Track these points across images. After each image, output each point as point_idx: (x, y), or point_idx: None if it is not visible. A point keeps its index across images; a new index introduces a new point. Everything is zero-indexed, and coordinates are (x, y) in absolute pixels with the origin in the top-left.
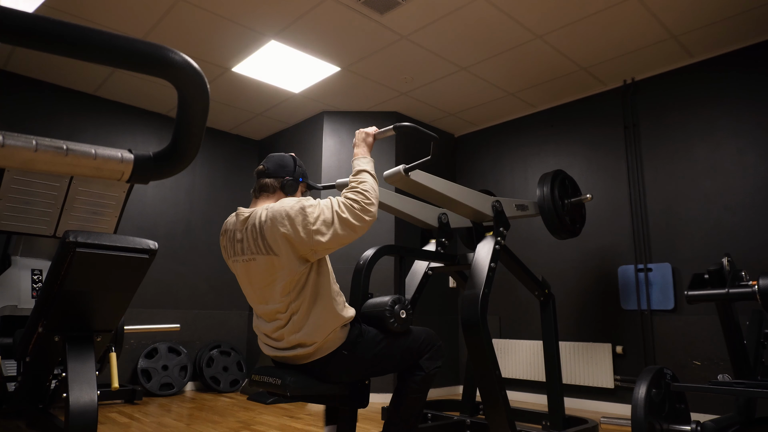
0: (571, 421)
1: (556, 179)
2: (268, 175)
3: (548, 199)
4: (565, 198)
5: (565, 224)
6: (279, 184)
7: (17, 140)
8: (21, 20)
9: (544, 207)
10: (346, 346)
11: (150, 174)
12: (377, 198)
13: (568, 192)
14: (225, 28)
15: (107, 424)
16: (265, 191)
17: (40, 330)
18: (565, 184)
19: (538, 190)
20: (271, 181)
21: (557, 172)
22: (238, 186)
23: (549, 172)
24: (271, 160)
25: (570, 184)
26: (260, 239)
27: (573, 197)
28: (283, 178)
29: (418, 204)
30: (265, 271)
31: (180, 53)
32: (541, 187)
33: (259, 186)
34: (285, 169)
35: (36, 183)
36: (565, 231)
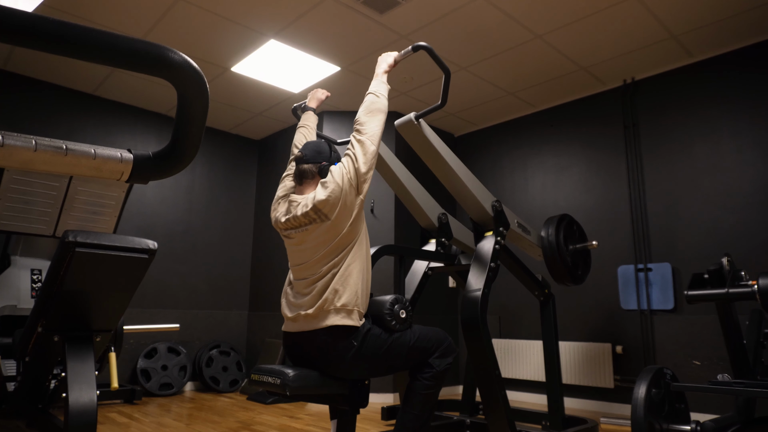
0: (571, 421)
1: (561, 223)
2: (306, 161)
3: (552, 243)
4: (570, 243)
5: (568, 269)
6: (317, 168)
7: (17, 140)
8: (21, 20)
9: (548, 251)
10: (357, 335)
11: (149, 174)
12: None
13: (574, 237)
14: (224, 27)
15: (107, 424)
16: (305, 177)
17: (40, 330)
18: (572, 229)
19: (543, 231)
20: (309, 166)
21: (563, 216)
22: (238, 186)
23: (555, 216)
24: (309, 147)
25: (576, 229)
26: (313, 211)
27: (578, 243)
28: (320, 163)
29: (424, 193)
30: (317, 238)
31: (180, 53)
32: (546, 229)
33: (299, 172)
34: (321, 155)
35: (35, 183)
36: (569, 278)
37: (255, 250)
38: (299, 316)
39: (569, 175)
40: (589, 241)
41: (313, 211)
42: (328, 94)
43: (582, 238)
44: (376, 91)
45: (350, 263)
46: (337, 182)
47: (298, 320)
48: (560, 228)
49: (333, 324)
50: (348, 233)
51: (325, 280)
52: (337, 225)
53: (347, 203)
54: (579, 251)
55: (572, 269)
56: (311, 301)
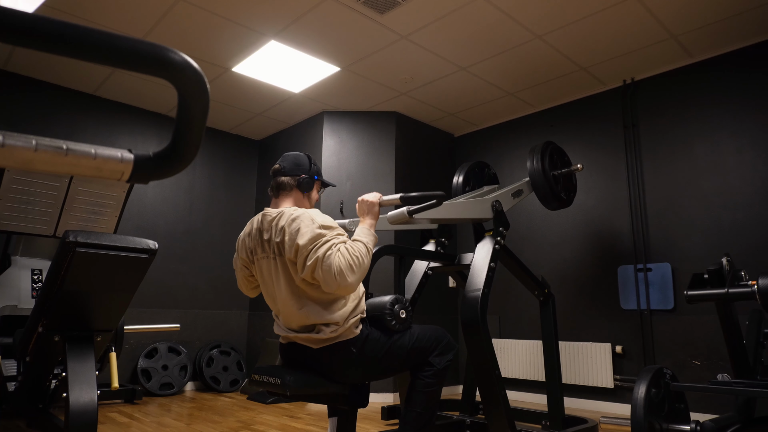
0: (571, 421)
1: (545, 151)
2: (284, 173)
3: (539, 172)
4: (555, 169)
5: (556, 193)
6: (295, 182)
7: (17, 140)
8: (21, 20)
9: (536, 180)
10: (355, 343)
11: (150, 174)
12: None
13: (559, 163)
14: (225, 28)
15: (107, 423)
16: (282, 189)
17: (40, 330)
18: (554, 155)
19: (528, 163)
20: (288, 179)
21: (547, 143)
22: (238, 186)
23: (538, 144)
24: (287, 159)
25: (559, 154)
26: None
27: (563, 168)
28: (299, 176)
29: None
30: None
31: (180, 53)
32: (531, 159)
33: (276, 185)
34: (300, 168)
35: (36, 183)
36: (556, 200)
37: None
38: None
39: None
40: (574, 165)
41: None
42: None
43: (566, 164)
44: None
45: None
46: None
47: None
48: (545, 155)
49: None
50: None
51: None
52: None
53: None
54: (564, 175)
55: (558, 192)
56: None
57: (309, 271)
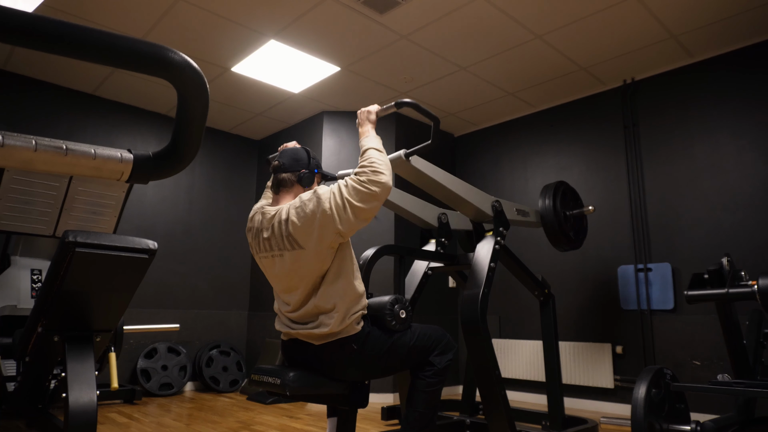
0: (571, 421)
1: (558, 190)
2: (284, 170)
3: (550, 211)
4: (566, 210)
5: (567, 236)
6: (296, 177)
7: (17, 140)
8: (21, 20)
9: (547, 218)
10: (357, 340)
11: (149, 174)
12: (388, 166)
13: (570, 204)
14: (224, 27)
15: (107, 424)
16: (283, 186)
17: (40, 330)
18: (567, 196)
19: (540, 201)
20: (288, 175)
21: (559, 183)
22: (238, 186)
23: (551, 184)
24: (286, 154)
25: (572, 195)
26: (287, 236)
27: (575, 209)
28: (299, 171)
29: (419, 202)
30: (293, 264)
31: (180, 53)
32: (543, 198)
33: (276, 181)
34: (300, 163)
35: (35, 183)
36: (567, 243)
37: None
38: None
39: (569, 175)
40: (585, 207)
41: (287, 240)
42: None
43: (578, 204)
44: (377, 146)
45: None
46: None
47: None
48: (557, 196)
49: (331, 340)
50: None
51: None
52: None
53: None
54: (575, 216)
55: (570, 235)
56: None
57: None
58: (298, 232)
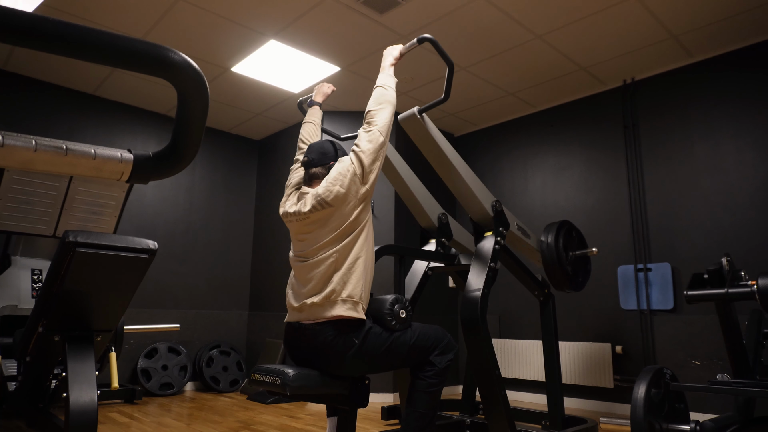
0: (571, 421)
1: (561, 229)
2: (314, 164)
3: (552, 249)
4: (570, 250)
5: (568, 276)
6: (326, 170)
7: (17, 140)
8: (21, 20)
9: (547, 256)
10: (358, 334)
11: (149, 174)
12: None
13: (574, 244)
14: (224, 27)
15: (107, 423)
16: (315, 179)
17: (40, 330)
18: (571, 235)
19: (542, 237)
20: (319, 169)
21: (563, 222)
22: (238, 186)
23: (555, 222)
24: (314, 150)
25: (576, 235)
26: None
27: (578, 249)
28: (328, 163)
29: (425, 192)
30: (317, 222)
31: (180, 53)
32: (546, 235)
33: (308, 176)
34: (327, 156)
35: (36, 183)
36: (568, 284)
37: (255, 250)
38: (305, 306)
39: (569, 175)
40: (589, 248)
41: (317, 203)
42: (334, 88)
43: (582, 245)
44: (385, 83)
45: (357, 256)
46: (340, 172)
47: (303, 310)
48: (560, 235)
49: (339, 315)
50: (353, 221)
51: (331, 268)
52: (340, 212)
53: (350, 191)
54: (579, 258)
55: (572, 276)
56: (317, 287)
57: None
58: (327, 193)
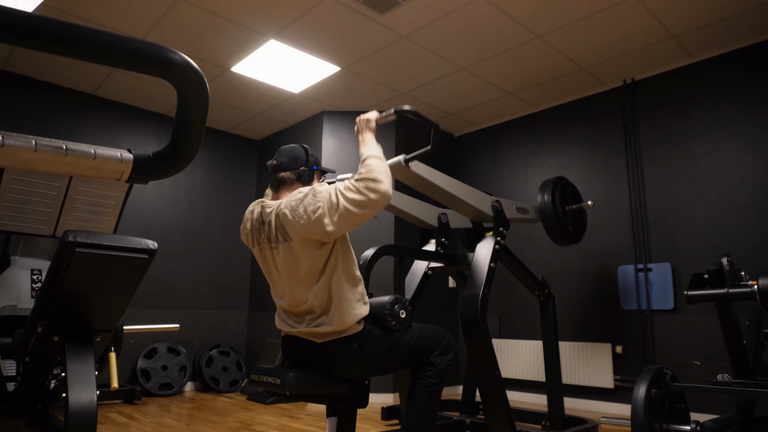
0: (571, 421)
1: (557, 186)
2: (283, 168)
3: (549, 206)
4: (566, 205)
5: (566, 231)
6: (295, 175)
7: (17, 140)
8: (21, 20)
9: (546, 213)
10: (357, 338)
11: (149, 174)
12: (388, 173)
13: (569, 199)
14: (224, 27)
15: (106, 424)
16: (283, 184)
17: (40, 330)
18: (566, 191)
19: (539, 197)
20: (287, 174)
21: (558, 178)
22: (238, 186)
23: (550, 179)
24: (284, 153)
25: (571, 191)
26: (279, 228)
27: (574, 204)
28: (298, 169)
29: (418, 203)
30: (287, 257)
31: (180, 53)
32: (542, 193)
33: (276, 181)
34: (299, 161)
35: (35, 183)
36: (566, 238)
37: None
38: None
39: (569, 175)
40: (584, 202)
41: (279, 232)
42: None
43: (576, 199)
44: (377, 155)
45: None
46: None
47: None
48: (556, 191)
49: (332, 339)
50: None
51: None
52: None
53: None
54: (575, 212)
55: (569, 229)
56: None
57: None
58: (288, 224)
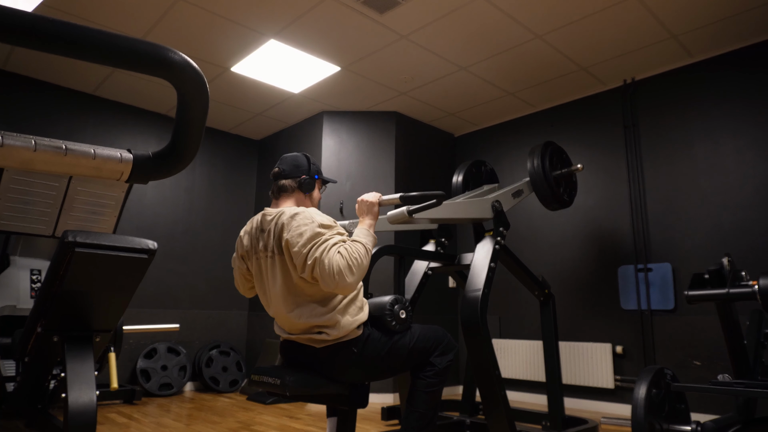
0: (571, 421)
1: (545, 151)
2: (284, 176)
3: (539, 172)
4: (555, 170)
5: (556, 195)
6: (296, 183)
7: (17, 140)
8: (21, 20)
9: (536, 180)
10: (356, 343)
11: (149, 174)
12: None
13: (558, 164)
14: (224, 27)
15: (106, 424)
16: (284, 192)
17: (39, 330)
18: (554, 156)
19: (528, 163)
20: (289, 182)
21: (546, 143)
22: (238, 186)
23: (538, 145)
24: (286, 161)
25: (559, 155)
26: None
27: (563, 168)
28: (300, 177)
29: None
30: (282, 269)
31: (180, 53)
32: (531, 160)
33: (277, 188)
34: (300, 169)
35: (35, 183)
36: (557, 201)
37: None
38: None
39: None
40: (574, 165)
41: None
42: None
43: (567, 163)
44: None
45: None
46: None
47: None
48: (545, 156)
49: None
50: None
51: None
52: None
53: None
54: (564, 176)
55: (559, 193)
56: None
57: (309, 270)
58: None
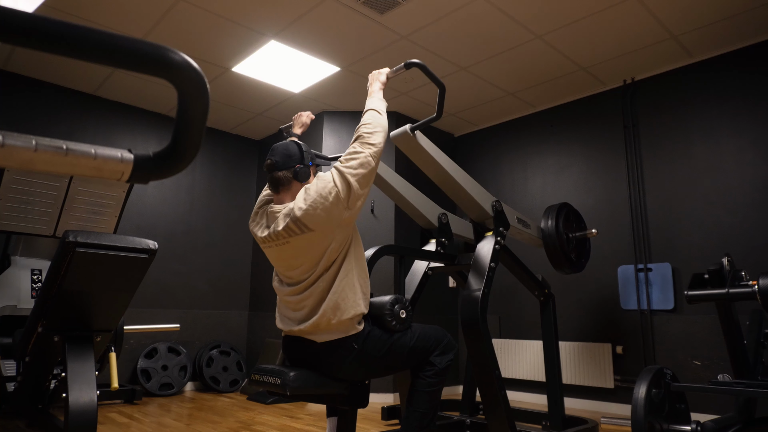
0: (571, 421)
1: (561, 212)
2: (278, 168)
3: (552, 232)
4: (569, 232)
5: (568, 258)
6: (291, 174)
7: (17, 140)
8: (21, 20)
9: (548, 240)
10: (357, 339)
11: (150, 174)
12: (384, 127)
13: (573, 225)
14: (225, 28)
15: (107, 424)
16: (281, 185)
17: (40, 330)
18: (570, 218)
19: (543, 222)
20: (283, 173)
21: (563, 204)
22: (238, 186)
23: (555, 205)
24: (277, 152)
25: (575, 218)
26: (294, 221)
27: (578, 231)
28: (294, 167)
29: (421, 196)
30: (299, 248)
31: (180, 53)
32: (546, 218)
33: (273, 181)
34: (293, 158)
35: (36, 183)
36: (569, 265)
37: (255, 250)
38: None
39: (569, 175)
40: (589, 230)
41: (295, 225)
42: (312, 117)
43: (581, 227)
44: (377, 107)
45: (345, 275)
46: (320, 193)
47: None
48: (560, 217)
49: (332, 339)
50: (336, 247)
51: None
52: (323, 236)
53: (332, 216)
54: (578, 239)
55: (572, 258)
56: (306, 316)
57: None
58: (307, 216)
